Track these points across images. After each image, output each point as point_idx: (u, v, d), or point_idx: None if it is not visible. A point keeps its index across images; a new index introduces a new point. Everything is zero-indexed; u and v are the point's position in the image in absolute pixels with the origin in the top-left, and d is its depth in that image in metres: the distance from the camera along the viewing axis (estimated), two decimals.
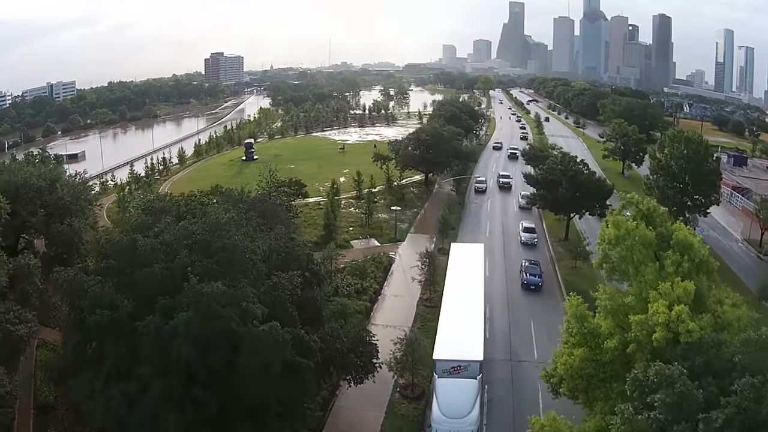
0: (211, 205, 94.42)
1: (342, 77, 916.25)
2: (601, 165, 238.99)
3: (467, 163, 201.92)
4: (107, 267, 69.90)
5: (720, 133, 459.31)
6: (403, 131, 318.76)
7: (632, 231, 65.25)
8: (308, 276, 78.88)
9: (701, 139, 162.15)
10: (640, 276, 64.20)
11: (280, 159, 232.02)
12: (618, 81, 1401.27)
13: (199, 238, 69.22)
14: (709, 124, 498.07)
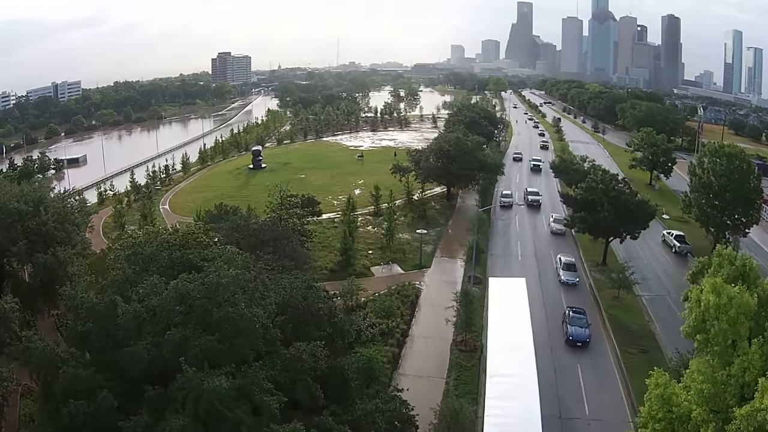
0: (211, 247, 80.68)
1: (351, 78, 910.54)
2: (627, 175, 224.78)
3: (494, 176, 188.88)
4: (85, 334, 57.17)
5: (737, 138, 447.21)
6: (418, 136, 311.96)
7: (735, 298, 52.61)
8: (331, 334, 67.55)
9: (744, 155, 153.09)
10: (742, 354, 51.79)
11: (290, 167, 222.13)
12: (627, 82, 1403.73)
13: (195, 304, 56.21)
14: (725, 129, 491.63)
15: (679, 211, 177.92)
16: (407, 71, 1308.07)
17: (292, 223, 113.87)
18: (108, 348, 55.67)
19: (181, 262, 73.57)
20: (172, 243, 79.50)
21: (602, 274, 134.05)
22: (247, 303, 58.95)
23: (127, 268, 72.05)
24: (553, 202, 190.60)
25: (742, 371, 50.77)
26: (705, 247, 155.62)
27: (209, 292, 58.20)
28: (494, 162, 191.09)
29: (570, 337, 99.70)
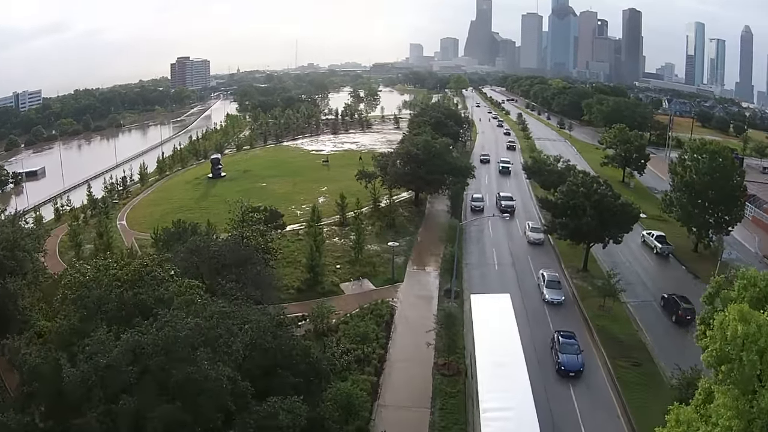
0: (167, 282, 73.19)
1: (310, 79, 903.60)
2: (599, 173, 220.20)
3: (464, 180, 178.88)
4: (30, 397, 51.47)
5: (705, 131, 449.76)
6: (381, 138, 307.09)
7: (764, 326, 47.35)
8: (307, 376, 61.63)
9: (727, 152, 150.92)
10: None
11: (250, 175, 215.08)
12: (587, 76, 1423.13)
13: (151, 364, 49.52)
14: (691, 120, 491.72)
15: (655, 209, 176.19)
16: (366, 71, 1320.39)
17: (256, 242, 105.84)
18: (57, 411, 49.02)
19: (134, 303, 66.74)
20: (124, 279, 71.74)
21: (584, 281, 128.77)
22: (210, 358, 52.59)
23: (73, 315, 65.66)
24: (526, 206, 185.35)
25: None
26: (686, 247, 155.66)
27: (166, 348, 51.49)
28: (464, 165, 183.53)
29: (562, 367, 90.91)
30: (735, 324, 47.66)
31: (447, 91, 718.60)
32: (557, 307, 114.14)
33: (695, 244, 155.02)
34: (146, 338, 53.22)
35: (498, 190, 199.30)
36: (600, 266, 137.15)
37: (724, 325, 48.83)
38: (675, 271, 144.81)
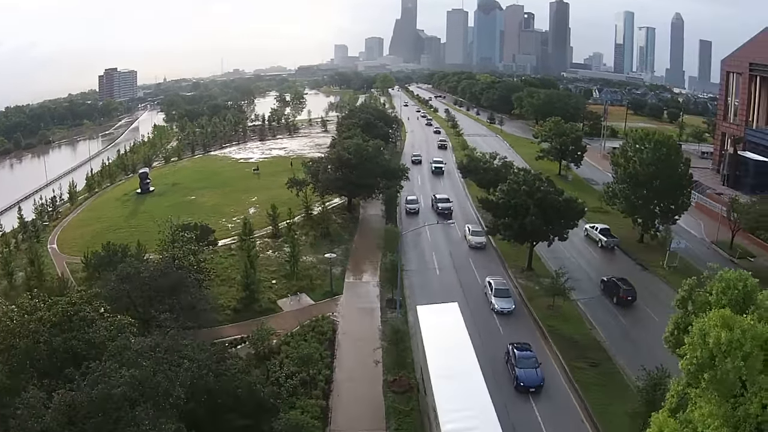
0: (97, 322, 68.59)
1: (236, 85, 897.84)
2: (535, 167, 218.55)
3: (398, 183, 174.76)
4: None
5: (638, 118, 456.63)
6: (309, 142, 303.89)
7: (748, 331, 45.67)
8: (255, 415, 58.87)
9: (672, 142, 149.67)
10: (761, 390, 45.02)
11: (179, 188, 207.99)
12: (514, 69, 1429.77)
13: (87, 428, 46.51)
14: (623, 109, 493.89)
15: (596, 201, 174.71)
16: (292, 75, 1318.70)
17: (188, 263, 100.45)
18: None
19: (65, 350, 62.64)
20: (52, 322, 66.89)
21: (530, 280, 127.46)
22: (151, 414, 49.01)
23: (1, 371, 61.18)
24: (463, 207, 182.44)
25: (761, 408, 44.55)
26: (631, 238, 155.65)
27: (102, 407, 47.76)
28: (397, 167, 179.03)
29: (521, 383, 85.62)
30: (718, 331, 46.43)
31: (373, 90, 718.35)
32: (508, 316, 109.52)
33: (641, 234, 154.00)
34: (80, 396, 49.25)
35: (432, 190, 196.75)
36: (545, 264, 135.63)
37: (705, 331, 47.49)
38: (622, 264, 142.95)
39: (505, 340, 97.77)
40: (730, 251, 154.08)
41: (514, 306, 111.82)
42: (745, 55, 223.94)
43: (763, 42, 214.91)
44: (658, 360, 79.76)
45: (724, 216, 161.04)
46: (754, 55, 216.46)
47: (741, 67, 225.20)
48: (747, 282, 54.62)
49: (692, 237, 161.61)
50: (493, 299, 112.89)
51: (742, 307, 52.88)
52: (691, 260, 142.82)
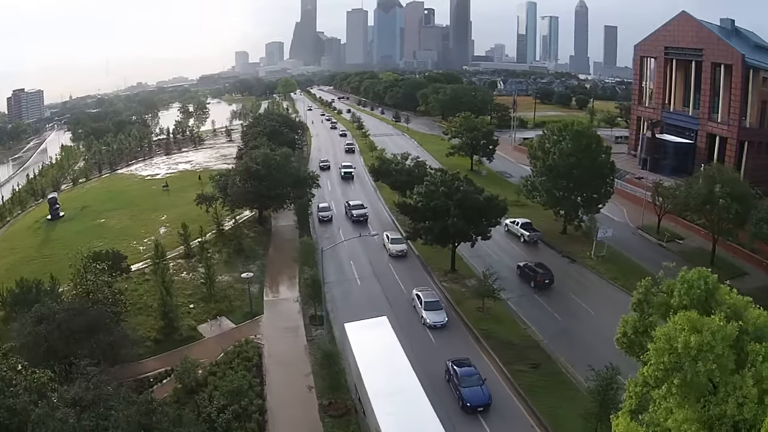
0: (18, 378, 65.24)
1: (139, 99, 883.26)
2: (446, 164, 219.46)
3: (309, 191, 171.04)
4: None
5: (547, 107, 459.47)
6: (215, 154, 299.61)
7: (718, 332, 45.61)
8: None
9: (592, 131, 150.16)
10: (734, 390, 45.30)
11: (88, 212, 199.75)
12: (415, 66, 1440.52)
13: None
14: (529, 99, 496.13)
15: (512, 194, 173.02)
16: (194, 85, 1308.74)
17: (103, 296, 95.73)
18: None
19: None
20: None
21: (455, 282, 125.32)
22: None
23: None
24: (377, 212, 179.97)
25: (737, 407, 44.71)
26: (554, 230, 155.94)
27: None
28: (307, 175, 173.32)
29: (467, 403, 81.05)
30: (686, 334, 46.09)
31: (275, 96, 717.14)
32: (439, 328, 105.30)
33: (564, 226, 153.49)
34: None
35: (344, 196, 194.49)
36: (467, 264, 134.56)
37: (671, 335, 47.27)
38: (548, 257, 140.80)
39: (440, 352, 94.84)
40: (658, 236, 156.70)
41: (446, 318, 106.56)
42: (659, 39, 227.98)
43: (678, 26, 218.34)
44: (599, 355, 79.70)
45: (649, 201, 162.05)
46: (670, 39, 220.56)
47: (656, 52, 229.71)
48: (708, 280, 53.46)
49: (616, 224, 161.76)
50: (424, 313, 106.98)
51: (704, 306, 52.39)
52: (618, 248, 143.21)
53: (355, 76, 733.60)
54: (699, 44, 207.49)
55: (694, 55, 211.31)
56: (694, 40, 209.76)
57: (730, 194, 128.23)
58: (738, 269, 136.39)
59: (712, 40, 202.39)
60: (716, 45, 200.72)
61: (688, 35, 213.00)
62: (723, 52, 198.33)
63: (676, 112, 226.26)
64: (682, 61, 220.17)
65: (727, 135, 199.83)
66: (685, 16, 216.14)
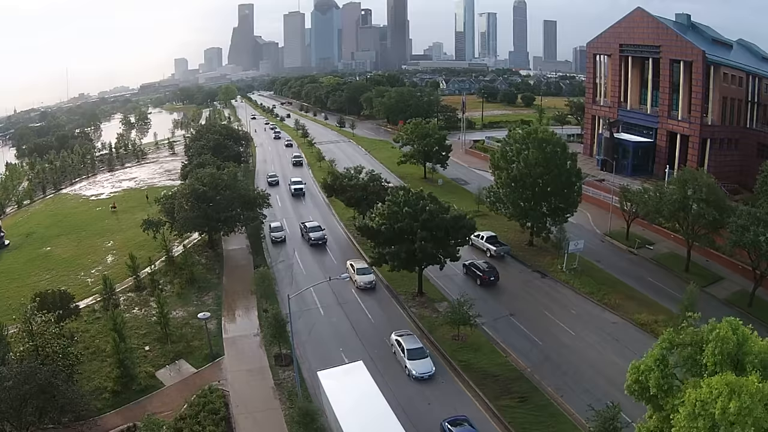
0: None
1: (82, 111, 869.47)
2: (398, 172, 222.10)
3: (260, 212, 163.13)
4: None
5: (494, 106, 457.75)
6: (158, 169, 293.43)
7: (756, 394, 44.48)
8: None
9: (557, 138, 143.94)
10: None
11: (34, 239, 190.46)
12: (354, 67, 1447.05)
13: None
14: (473, 97, 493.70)
15: (471, 203, 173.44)
16: (135, 94, 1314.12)
17: (52, 350, 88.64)
18: None
19: None
20: None
21: (425, 307, 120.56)
22: None
23: None
24: (333, 231, 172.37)
25: None
26: (520, 241, 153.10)
27: None
28: (257, 195, 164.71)
29: None
30: (724, 400, 44.64)
31: (216, 103, 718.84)
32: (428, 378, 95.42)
33: (530, 237, 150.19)
34: None
35: (295, 214, 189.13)
36: (435, 285, 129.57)
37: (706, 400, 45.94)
38: (517, 273, 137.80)
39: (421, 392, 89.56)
40: (628, 242, 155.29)
41: (434, 369, 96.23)
42: (613, 36, 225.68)
43: (633, 22, 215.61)
44: (588, 382, 79.96)
45: (615, 205, 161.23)
46: (625, 36, 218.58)
47: (610, 49, 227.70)
48: (738, 331, 51.84)
49: (582, 230, 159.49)
50: (408, 364, 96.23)
51: (734, 360, 50.88)
52: (588, 257, 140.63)
53: (295, 81, 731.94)
54: (656, 41, 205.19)
55: (651, 53, 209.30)
56: (651, 36, 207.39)
57: (705, 200, 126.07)
58: (714, 274, 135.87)
59: (670, 36, 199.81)
60: (675, 41, 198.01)
61: (644, 32, 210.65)
62: (682, 48, 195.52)
63: (633, 110, 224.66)
64: (638, 59, 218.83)
65: (688, 133, 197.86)
66: (641, 12, 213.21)
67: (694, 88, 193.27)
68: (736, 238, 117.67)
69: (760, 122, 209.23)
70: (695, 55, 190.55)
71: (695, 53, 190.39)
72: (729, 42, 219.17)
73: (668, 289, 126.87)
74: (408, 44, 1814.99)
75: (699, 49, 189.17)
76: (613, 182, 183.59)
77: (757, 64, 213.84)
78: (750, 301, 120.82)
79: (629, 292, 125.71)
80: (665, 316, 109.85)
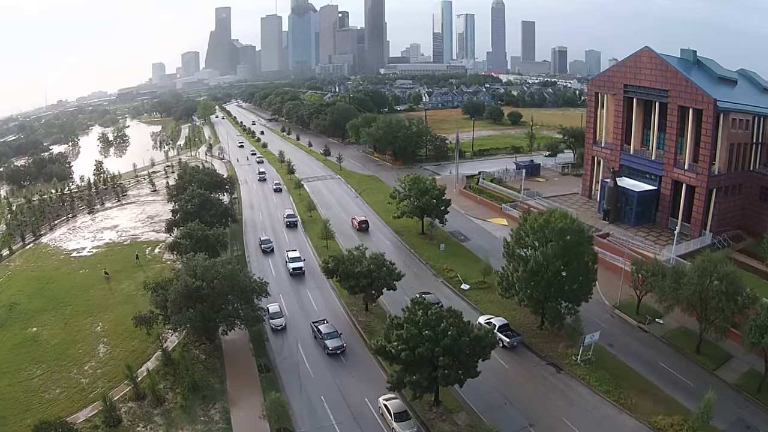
0: None
1: (60, 124, 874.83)
2: (394, 225, 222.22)
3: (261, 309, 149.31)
4: None
5: (478, 125, 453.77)
6: (140, 214, 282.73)
7: None
8: None
9: (578, 224, 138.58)
10: None
11: (17, 314, 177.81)
12: (331, 71, 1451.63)
13: None
14: (458, 112, 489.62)
15: (475, 268, 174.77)
16: (112, 100, 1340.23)
17: None
18: None
19: None
20: None
21: (443, 420, 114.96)
22: None
23: None
24: (345, 331, 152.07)
25: None
26: (530, 324, 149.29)
27: None
28: (257, 285, 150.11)
29: None
30: None
31: (195, 119, 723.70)
32: None
33: (542, 320, 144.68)
34: None
35: (296, 298, 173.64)
36: (452, 393, 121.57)
37: None
38: (531, 367, 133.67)
39: None
40: (638, 317, 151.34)
41: None
42: (618, 75, 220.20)
43: (639, 62, 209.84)
44: None
45: (627, 270, 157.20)
46: (630, 76, 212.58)
47: (614, 88, 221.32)
48: None
49: (590, 300, 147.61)
50: None
51: None
52: (600, 341, 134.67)
53: (275, 97, 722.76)
54: (664, 84, 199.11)
55: (659, 96, 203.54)
56: (659, 79, 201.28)
57: (725, 292, 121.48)
58: (725, 353, 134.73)
59: (679, 81, 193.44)
60: (684, 87, 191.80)
61: (651, 73, 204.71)
62: (693, 95, 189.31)
63: (636, 154, 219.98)
64: (642, 101, 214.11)
65: (695, 184, 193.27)
66: (647, 51, 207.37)
67: (703, 138, 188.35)
68: (755, 339, 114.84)
69: (762, 163, 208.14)
70: (706, 104, 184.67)
71: (706, 101, 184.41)
72: (734, 78, 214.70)
73: (681, 378, 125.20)
74: (386, 46, 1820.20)
75: (710, 98, 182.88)
76: (620, 239, 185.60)
77: (760, 98, 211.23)
78: (759, 386, 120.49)
79: (644, 386, 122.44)
80: (681, 417, 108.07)
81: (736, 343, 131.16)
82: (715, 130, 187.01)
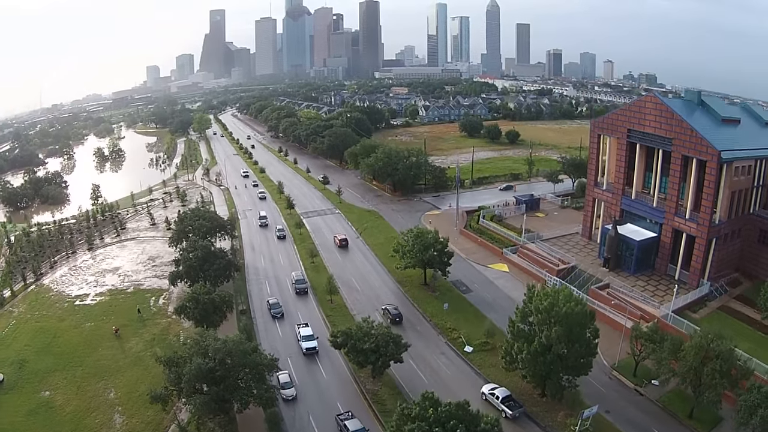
0: None
1: (55, 133, 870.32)
2: (396, 275, 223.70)
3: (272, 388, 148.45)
4: None
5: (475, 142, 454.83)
6: (141, 255, 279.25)
7: None
8: None
9: (581, 308, 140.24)
10: None
11: (27, 374, 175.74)
12: (326, 74, 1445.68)
13: None
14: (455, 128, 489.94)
15: (478, 328, 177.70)
16: (107, 105, 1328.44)
17: None
18: None
19: None
20: None
21: None
22: None
23: None
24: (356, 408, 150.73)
25: None
26: (530, 392, 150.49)
27: None
28: (268, 361, 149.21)
29: None
30: None
31: (191, 133, 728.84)
32: None
33: (543, 390, 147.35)
34: None
35: (311, 380, 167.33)
36: None
37: None
38: None
39: None
40: (635, 379, 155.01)
41: None
42: (621, 119, 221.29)
43: (643, 108, 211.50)
44: None
45: (627, 327, 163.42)
46: (634, 121, 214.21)
47: (617, 132, 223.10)
48: None
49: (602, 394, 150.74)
50: None
51: None
52: (599, 411, 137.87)
53: (272, 112, 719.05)
54: (669, 132, 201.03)
55: (663, 144, 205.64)
56: (663, 127, 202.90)
57: (720, 370, 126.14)
58: (716, 416, 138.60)
59: (684, 129, 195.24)
60: (689, 137, 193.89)
61: (655, 120, 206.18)
62: (697, 146, 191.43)
63: (637, 199, 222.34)
64: (645, 147, 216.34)
65: (696, 234, 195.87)
66: (653, 98, 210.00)
67: (706, 189, 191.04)
68: (743, 420, 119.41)
69: (762, 205, 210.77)
70: (710, 155, 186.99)
71: (711, 153, 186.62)
72: (737, 117, 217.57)
73: None
74: (380, 49, 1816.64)
75: (715, 150, 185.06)
76: (619, 291, 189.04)
77: (762, 135, 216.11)
78: None
79: None
80: None
81: (729, 404, 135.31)
82: (717, 180, 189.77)
